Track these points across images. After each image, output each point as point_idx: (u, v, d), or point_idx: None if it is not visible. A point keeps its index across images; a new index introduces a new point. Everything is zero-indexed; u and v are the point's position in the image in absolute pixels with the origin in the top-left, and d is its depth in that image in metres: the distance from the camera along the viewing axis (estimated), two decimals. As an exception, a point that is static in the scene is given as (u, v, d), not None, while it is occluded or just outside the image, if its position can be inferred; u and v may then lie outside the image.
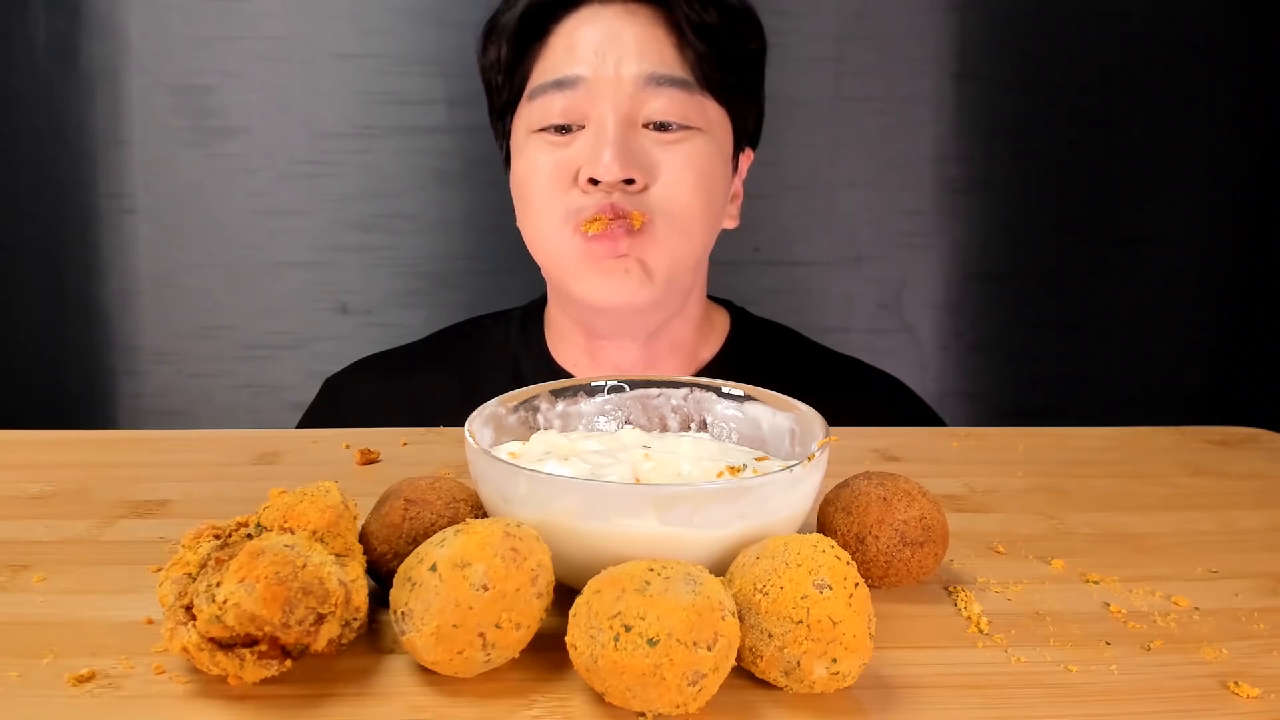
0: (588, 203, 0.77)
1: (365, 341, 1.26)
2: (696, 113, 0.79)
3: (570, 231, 0.78)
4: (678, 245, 0.79)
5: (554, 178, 0.78)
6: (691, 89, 0.79)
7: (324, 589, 0.37)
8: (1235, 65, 1.31)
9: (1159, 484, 0.63)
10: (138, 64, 1.27)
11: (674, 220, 0.78)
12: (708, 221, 0.81)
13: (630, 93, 0.77)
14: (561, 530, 0.42)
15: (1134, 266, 1.34)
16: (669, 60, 0.78)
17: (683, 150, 0.78)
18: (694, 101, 0.79)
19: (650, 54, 0.78)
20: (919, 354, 1.35)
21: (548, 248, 0.81)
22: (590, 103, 0.77)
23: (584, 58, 0.78)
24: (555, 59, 0.80)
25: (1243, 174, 1.33)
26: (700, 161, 0.79)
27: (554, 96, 0.78)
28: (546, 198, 0.79)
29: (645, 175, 0.77)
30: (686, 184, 0.78)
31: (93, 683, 0.39)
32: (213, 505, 0.57)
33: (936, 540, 0.47)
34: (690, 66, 0.79)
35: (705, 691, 0.36)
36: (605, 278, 0.78)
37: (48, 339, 1.32)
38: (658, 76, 0.77)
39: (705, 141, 0.80)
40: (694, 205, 0.79)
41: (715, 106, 0.81)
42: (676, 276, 0.80)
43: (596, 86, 0.77)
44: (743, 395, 0.56)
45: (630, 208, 0.76)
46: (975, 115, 1.30)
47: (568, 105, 0.78)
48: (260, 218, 1.30)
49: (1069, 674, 0.40)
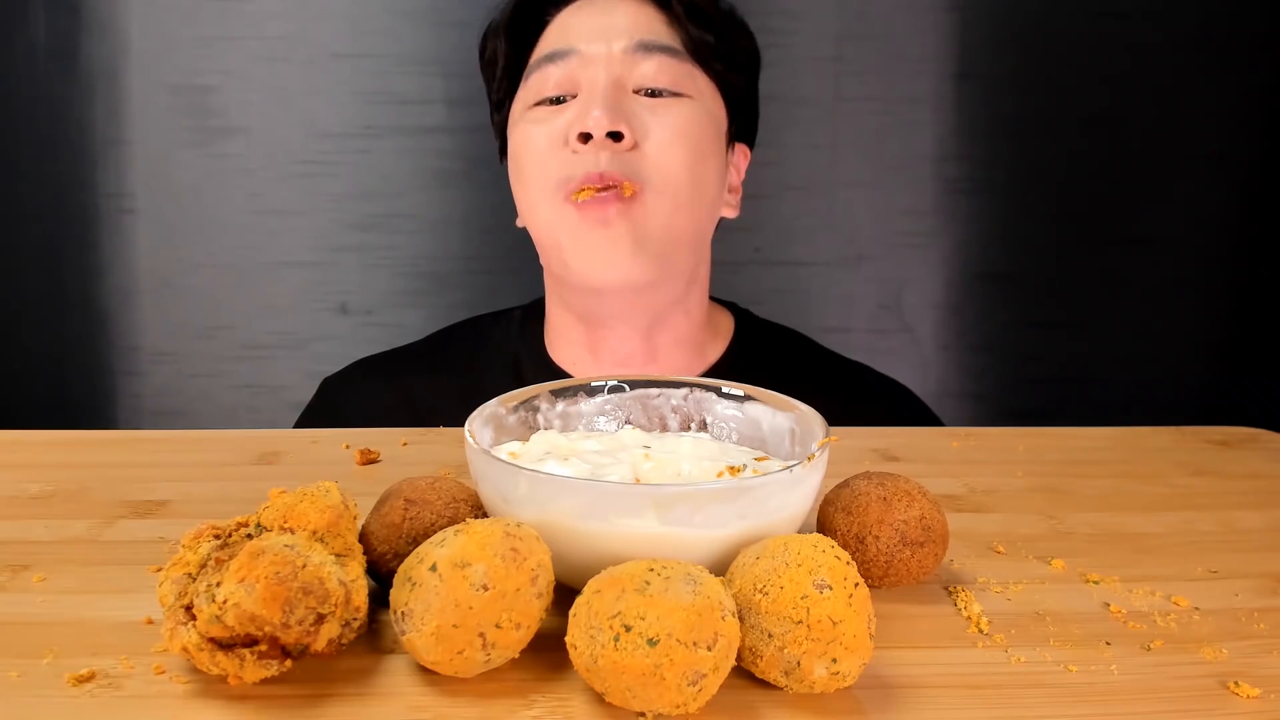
0: (578, 169, 0.77)
1: (365, 341, 1.26)
2: (686, 80, 0.81)
3: (561, 200, 0.78)
4: (669, 213, 0.79)
5: (547, 142, 0.80)
6: (681, 56, 0.81)
7: (324, 589, 0.37)
8: (1236, 65, 1.31)
9: (1159, 484, 0.63)
10: (138, 64, 1.27)
11: (664, 186, 0.78)
12: (700, 191, 0.81)
13: (619, 58, 0.79)
14: (561, 530, 0.42)
15: (1134, 266, 1.34)
16: (659, 31, 0.81)
17: (672, 114, 0.80)
18: (683, 69, 0.81)
19: (641, 26, 0.81)
20: (919, 354, 1.35)
21: (541, 220, 0.81)
22: (583, 69, 0.80)
23: (576, 33, 0.81)
24: (549, 41, 0.83)
25: (1243, 174, 1.32)
26: (691, 126, 0.80)
27: (547, 70, 0.81)
28: (539, 164, 0.80)
29: (634, 132, 0.77)
30: (677, 147, 0.79)
31: (93, 683, 0.39)
32: (213, 505, 0.57)
33: (936, 540, 0.47)
34: (680, 39, 0.81)
35: (705, 691, 0.36)
36: (596, 250, 0.78)
37: (48, 339, 1.32)
38: (647, 43, 0.80)
39: (695, 107, 0.81)
40: (683, 169, 0.79)
41: (705, 78, 0.82)
42: (670, 250, 0.80)
43: (587, 55, 0.80)
44: (743, 395, 0.56)
45: (620, 174, 0.76)
46: (975, 115, 1.30)
47: (561, 76, 0.80)
48: (260, 218, 1.30)
49: (1069, 674, 0.40)
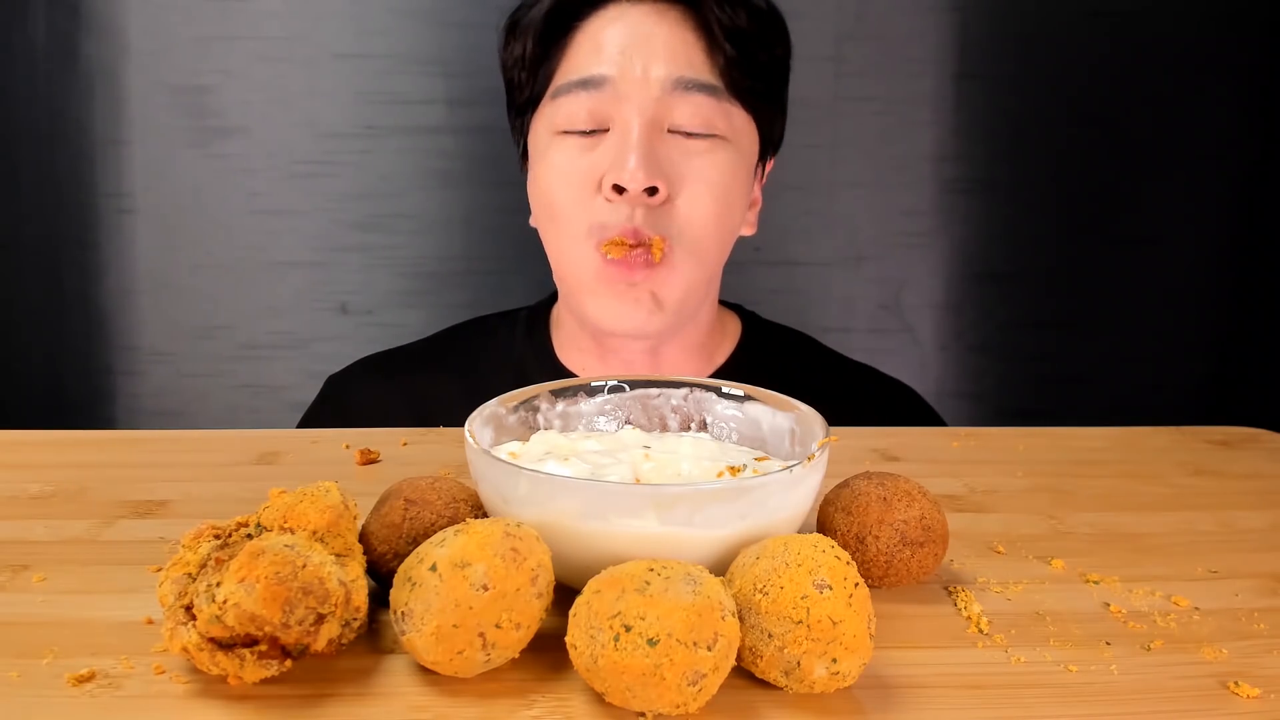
0: (612, 219, 0.75)
1: (365, 341, 1.26)
2: (723, 120, 0.78)
3: (591, 248, 0.77)
4: (693, 273, 0.78)
5: (578, 184, 0.77)
6: (720, 95, 0.77)
7: (324, 589, 0.37)
8: (1235, 65, 1.31)
9: (1159, 484, 0.63)
10: (138, 64, 1.27)
11: (693, 246, 0.77)
12: (723, 239, 0.81)
13: (657, 96, 0.76)
14: (561, 530, 0.42)
15: (1134, 266, 1.34)
16: (697, 64, 0.77)
17: (708, 161, 0.77)
18: (721, 109, 0.77)
19: (679, 57, 0.76)
20: (919, 354, 1.35)
21: (566, 261, 0.80)
22: (616, 105, 0.76)
23: (610, 57, 0.76)
24: (581, 58, 0.78)
25: (1242, 174, 1.33)
26: (724, 175, 0.78)
27: (579, 96, 0.77)
28: (570, 206, 0.77)
29: (669, 185, 0.75)
30: (708, 200, 0.77)
31: (93, 683, 0.39)
32: (213, 505, 0.57)
33: (936, 540, 0.47)
34: (719, 72, 0.77)
35: (705, 691, 0.36)
36: (618, 302, 0.77)
37: (47, 339, 1.32)
38: (686, 81, 0.76)
39: (731, 153, 0.78)
40: (712, 224, 0.78)
41: (742, 114, 0.79)
42: (688, 300, 0.80)
43: (623, 88, 0.76)
44: (743, 395, 0.56)
45: (652, 233, 0.75)
46: (975, 115, 1.30)
47: (593, 106, 0.76)
48: (260, 218, 1.30)
49: (1069, 674, 0.40)
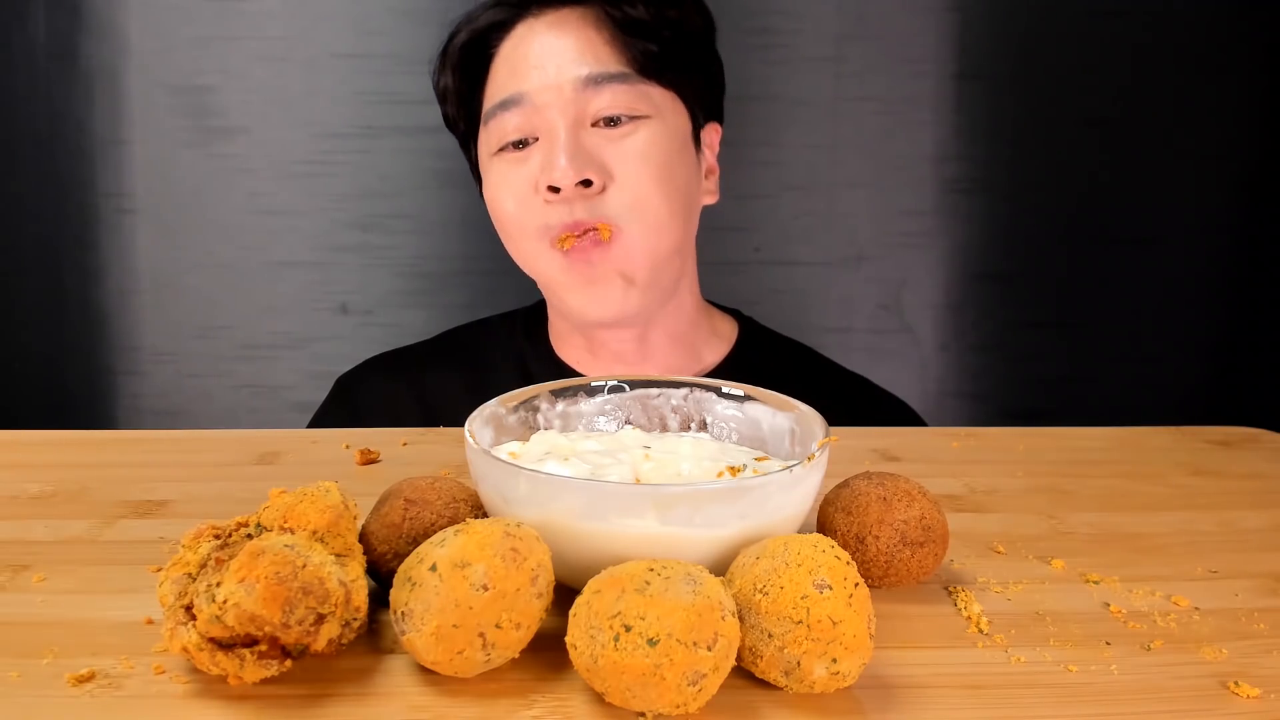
0: (554, 218, 0.78)
1: (365, 341, 1.26)
2: (643, 102, 0.80)
3: (547, 248, 0.79)
4: (652, 244, 0.80)
5: (519, 194, 0.80)
6: (632, 80, 0.79)
7: (324, 589, 0.37)
8: (1236, 65, 1.31)
9: (1159, 484, 0.63)
10: (138, 64, 1.27)
11: (642, 220, 0.79)
12: (676, 209, 0.81)
13: (571, 97, 0.78)
14: (561, 530, 0.42)
15: (1134, 266, 1.34)
16: (605, 58, 0.79)
17: (634, 142, 0.79)
18: (637, 92, 0.79)
19: (586, 55, 0.79)
20: (919, 354, 1.35)
21: (532, 266, 0.83)
22: (538, 115, 0.79)
23: (524, 74, 0.80)
24: (500, 81, 0.82)
25: (1243, 174, 1.32)
26: (654, 149, 0.79)
27: (504, 117, 0.80)
28: (518, 215, 0.81)
29: (601, 174, 0.77)
30: (645, 176, 0.79)
31: (93, 683, 0.39)
32: (213, 505, 0.57)
33: (936, 540, 0.47)
34: (628, 60, 0.79)
35: (705, 691, 0.36)
36: (590, 288, 0.80)
37: (47, 339, 1.32)
38: (596, 76, 0.78)
39: (657, 128, 0.80)
40: (656, 197, 0.79)
41: (661, 92, 0.81)
42: (658, 275, 0.82)
43: (540, 98, 0.79)
44: (743, 395, 0.56)
45: (593, 220, 0.77)
46: (975, 115, 1.30)
47: (519, 122, 0.80)
48: (260, 218, 1.30)
49: (1069, 674, 0.40)
